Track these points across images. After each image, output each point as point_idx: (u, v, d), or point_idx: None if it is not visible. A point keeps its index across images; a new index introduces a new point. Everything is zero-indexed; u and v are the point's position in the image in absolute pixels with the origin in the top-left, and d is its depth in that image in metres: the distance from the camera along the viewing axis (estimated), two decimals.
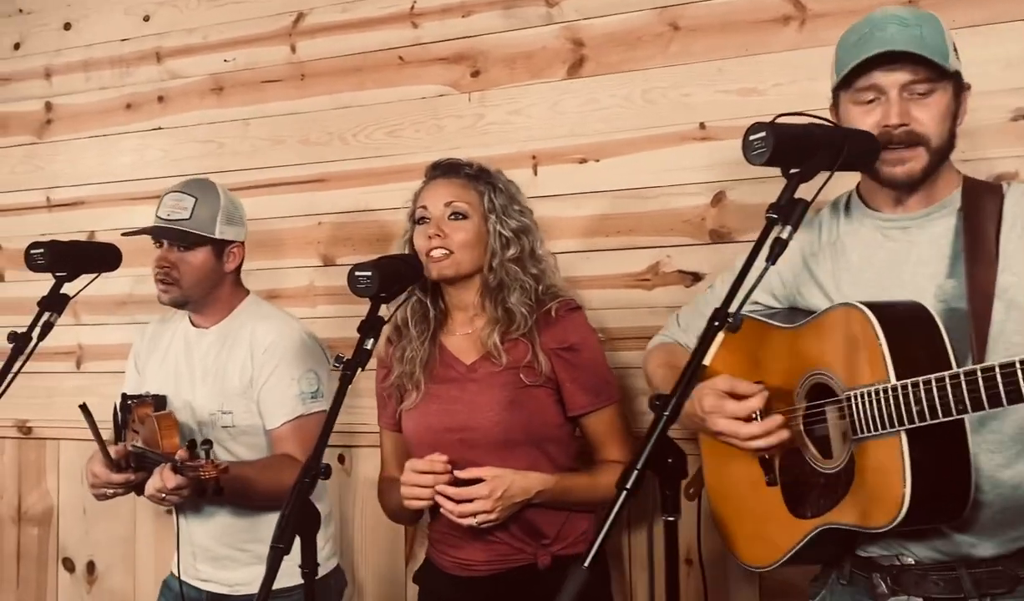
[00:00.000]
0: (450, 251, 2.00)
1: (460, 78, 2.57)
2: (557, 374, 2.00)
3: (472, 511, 1.86)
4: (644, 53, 2.38)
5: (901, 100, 1.52)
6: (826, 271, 1.65)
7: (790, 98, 2.23)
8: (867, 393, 1.44)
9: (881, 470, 1.44)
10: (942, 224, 1.57)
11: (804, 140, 1.41)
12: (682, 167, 2.34)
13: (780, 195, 1.40)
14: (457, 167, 2.08)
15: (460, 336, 2.08)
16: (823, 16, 2.22)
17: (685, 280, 2.35)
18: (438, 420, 2.01)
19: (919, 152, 1.53)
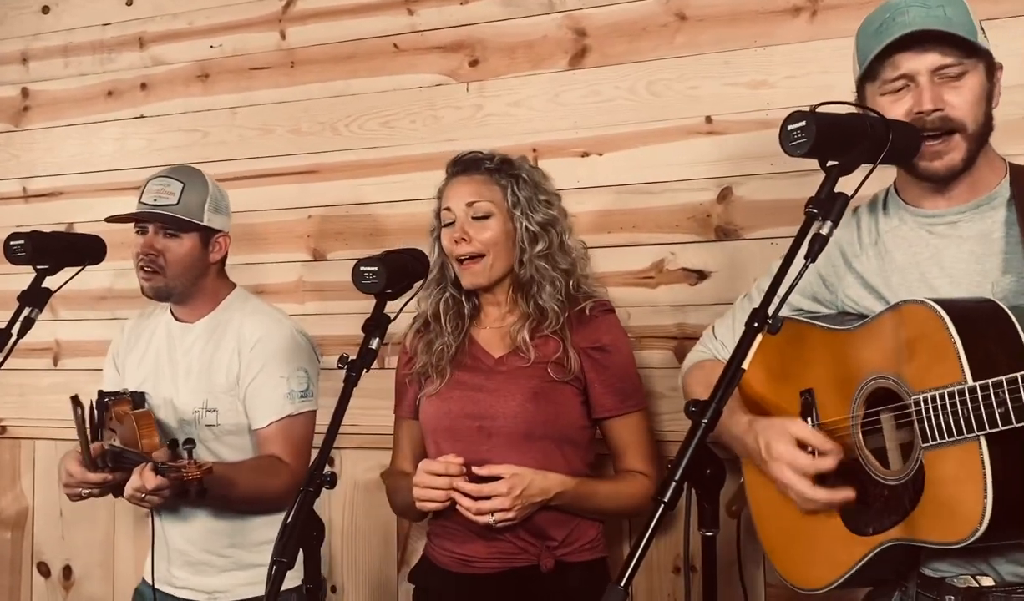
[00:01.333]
0: (479, 253, 1.95)
1: (458, 67, 2.49)
2: (586, 374, 1.95)
3: (491, 508, 1.80)
4: (649, 44, 2.31)
5: (933, 84, 1.44)
6: (873, 271, 1.57)
7: (801, 91, 2.17)
8: (939, 396, 1.34)
9: (956, 480, 1.34)
10: (992, 217, 1.49)
11: (847, 130, 1.34)
12: (688, 162, 2.28)
13: (819, 189, 1.33)
14: (478, 162, 2.02)
15: (491, 330, 2.03)
16: (836, 7, 2.16)
17: (690, 278, 2.28)
18: (459, 406, 1.96)
19: (956, 141, 1.45)
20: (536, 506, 1.85)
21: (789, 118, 1.35)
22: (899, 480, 1.43)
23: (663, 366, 2.28)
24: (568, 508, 1.90)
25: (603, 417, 1.97)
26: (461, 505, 1.82)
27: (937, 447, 1.35)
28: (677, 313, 2.28)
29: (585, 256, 2.07)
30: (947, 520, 1.34)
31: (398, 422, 2.13)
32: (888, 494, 1.44)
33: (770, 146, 2.19)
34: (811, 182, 2.11)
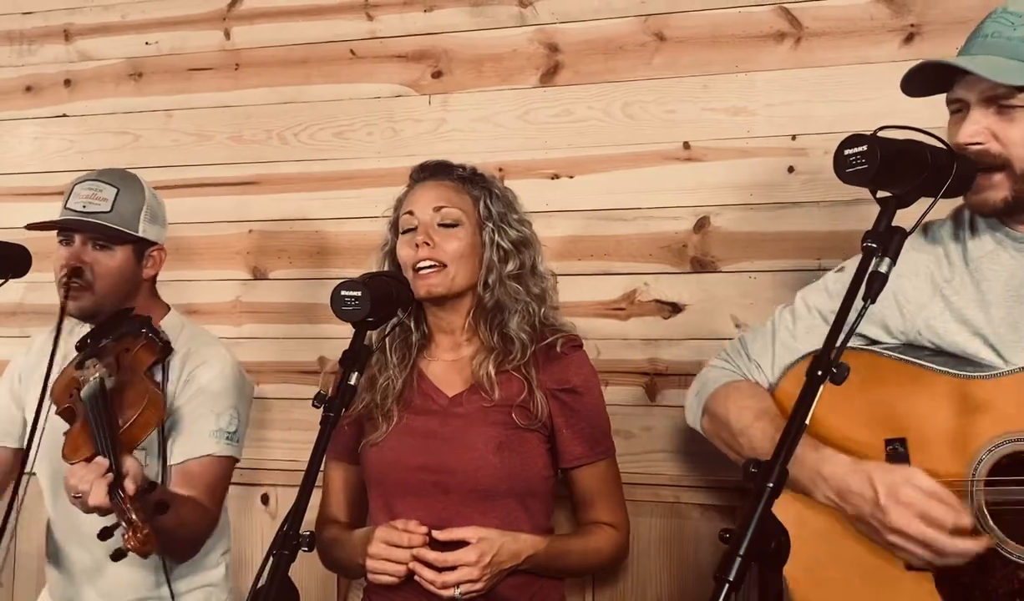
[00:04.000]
0: (441, 263, 1.74)
1: (420, 78, 2.33)
2: (554, 419, 1.77)
3: (457, 580, 1.60)
4: (626, 63, 2.20)
5: (979, 115, 1.34)
6: (971, 303, 1.41)
7: (782, 120, 2.10)
8: None
9: None
10: None
11: (908, 158, 1.22)
12: (664, 188, 2.17)
13: (877, 222, 1.21)
14: (448, 168, 1.85)
15: (442, 363, 1.82)
16: (820, 35, 2.09)
17: (663, 311, 2.17)
18: (412, 457, 1.74)
19: (998, 180, 1.34)
20: (505, 573, 1.67)
21: (847, 142, 1.22)
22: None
23: (633, 403, 2.16)
24: (540, 570, 1.73)
25: (571, 466, 1.80)
26: (423, 577, 1.62)
27: None
28: (649, 347, 2.16)
29: (554, 287, 1.91)
30: None
31: (330, 465, 1.91)
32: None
33: (750, 175, 2.14)
34: (791, 215, 2.10)
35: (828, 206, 2.05)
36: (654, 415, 2.14)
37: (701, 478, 2.09)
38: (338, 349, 1.53)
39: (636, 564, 2.11)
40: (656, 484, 2.10)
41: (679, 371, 2.12)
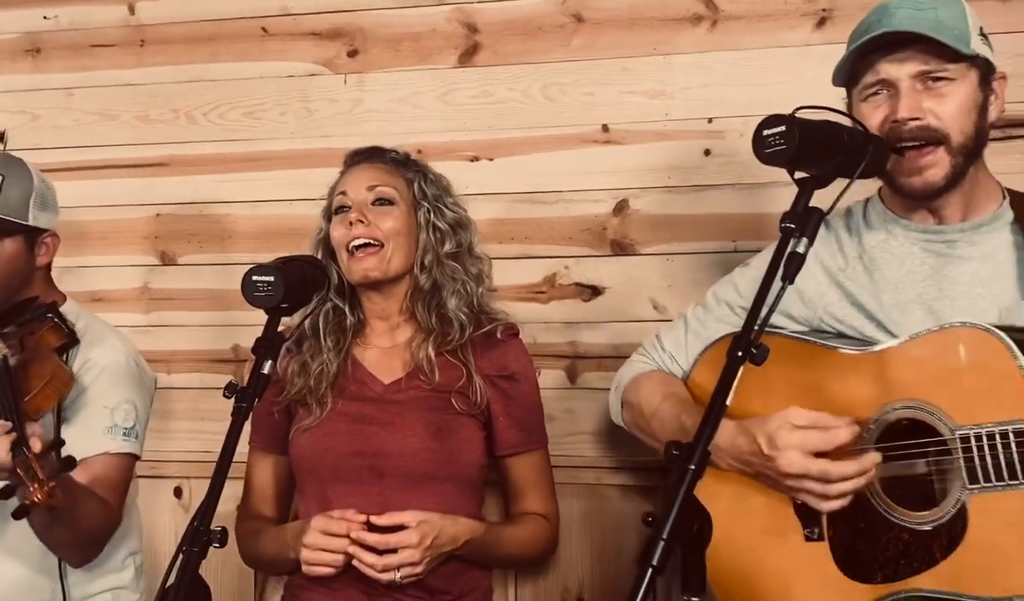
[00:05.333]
0: (377, 242, 1.71)
1: (335, 57, 2.27)
2: (491, 405, 1.76)
3: (398, 563, 1.57)
4: (544, 45, 2.19)
5: (914, 91, 1.36)
6: (863, 289, 1.46)
7: (699, 103, 2.12)
8: (1001, 433, 1.22)
9: (1015, 528, 1.22)
10: (995, 239, 1.42)
11: (826, 139, 1.23)
12: (583, 171, 2.16)
13: (795, 203, 1.22)
14: (381, 151, 1.83)
15: (378, 350, 1.80)
16: (737, 18, 2.10)
17: (583, 294, 2.17)
18: (346, 442, 1.71)
19: (938, 155, 1.37)
20: (444, 557, 1.65)
21: (765, 123, 1.23)
22: (929, 524, 1.31)
23: (554, 386, 2.15)
24: (471, 557, 1.72)
25: (506, 454, 1.79)
26: (362, 562, 1.58)
27: (989, 490, 1.24)
28: (569, 330, 2.16)
29: (489, 271, 1.89)
30: (1001, 572, 1.23)
31: (254, 456, 1.86)
32: (909, 538, 1.32)
33: (668, 159, 2.15)
34: (708, 198, 2.11)
35: (744, 189, 2.07)
36: (575, 397, 2.14)
37: (622, 459, 2.10)
38: (253, 337, 1.48)
39: (559, 549, 2.11)
40: (577, 466, 2.11)
41: (599, 354, 2.13)
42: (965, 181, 1.41)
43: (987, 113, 1.41)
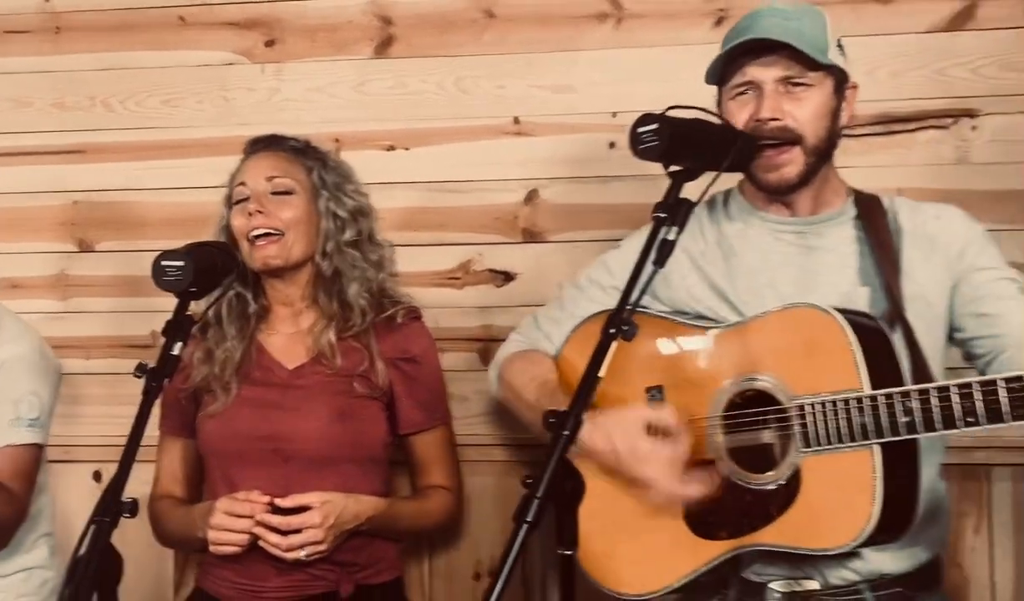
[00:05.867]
0: (277, 231, 1.76)
1: (252, 47, 2.31)
2: (393, 387, 1.83)
3: (302, 542, 1.65)
4: (457, 38, 2.26)
5: (775, 94, 1.48)
6: (720, 273, 1.57)
7: (604, 98, 2.21)
8: (831, 402, 1.34)
9: (840, 486, 1.34)
10: (840, 232, 1.54)
11: (694, 136, 1.34)
12: (495, 162, 2.24)
13: (666, 194, 1.33)
14: (280, 140, 1.87)
15: (283, 336, 1.85)
16: (640, 16, 2.20)
17: (496, 280, 2.25)
18: (250, 426, 1.77)
19: (795, 154, 1.49)
20: (348, 533, 1.73)
21: (640, 121, 1.34)
22: (768, 485, 1.42)
23: (468, 368, 2.23)
24: (376, 531, 1.79)
25: (409, 433, 1.87)
26: (267, 542, 1.66)
27: (819, 453, 1.35)
28: (483, 315, 2.24)
29: (393, 257, 1.96)
30: (826, 526, 1.35)
31: (164, 439, 1.92)
32: (751, 498, 1.43)
33: (575, 150, 2.25)
34: (614, 188, 2.21)
35: (646, 180, 2.14)
36: (488, 379, 2.22)
37: (531, 437, 2.18)
38: None
39: (471, 523, 2.20)
40: (489, 444, 2.19)
41: None
42: (816, 179, 1.54)
43: (839, 118, 1.55)
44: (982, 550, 2.08)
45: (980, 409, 1.23)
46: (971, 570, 2.08)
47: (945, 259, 1.51)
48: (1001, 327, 1.43)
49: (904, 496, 1.37)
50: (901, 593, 1.48)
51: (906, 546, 1.47)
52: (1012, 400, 1.21)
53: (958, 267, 1.50)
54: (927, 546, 1.52)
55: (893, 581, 1.48)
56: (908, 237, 1.52)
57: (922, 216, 1.55)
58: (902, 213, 1.55)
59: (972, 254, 1.50)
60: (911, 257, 1.50)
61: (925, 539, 1.51)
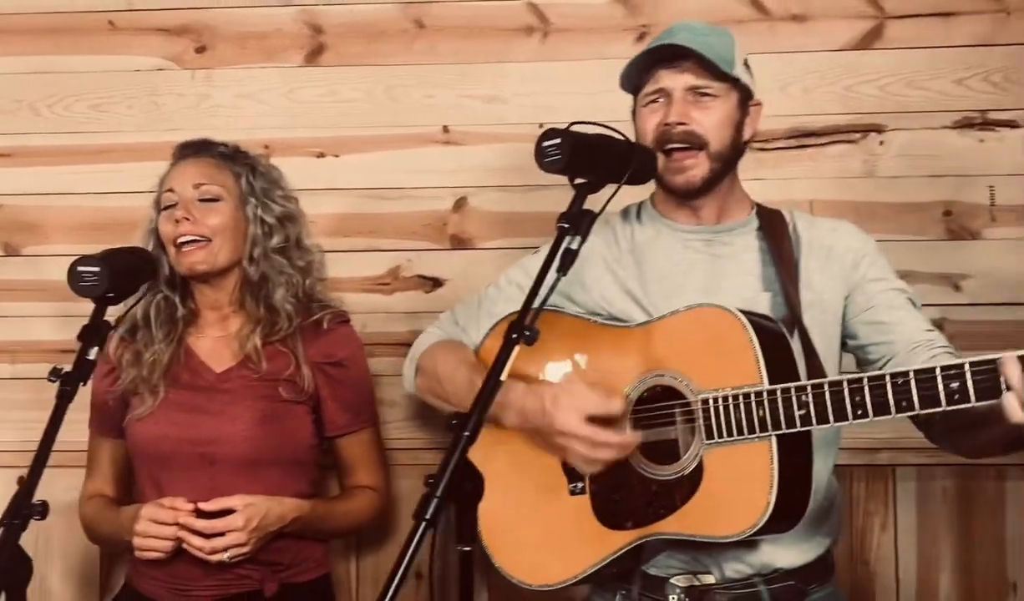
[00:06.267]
0: (204, 238, 1.78)
1: (183, 53, 2.32)
2: (319, 390, 1.85)
3: (225, 545, 1.68)
4: (388, 48, 2.30)
5: (684, 102, 1.55)
6: (632, 277, 1.63)
7: (531, 109, 2.26)
8: (732, 396, 1.40)
9: (739, 477, 1.40)
10: (744, 241, 1.62)
11: (596, 150, 1.40)
12: (425, 170, 2.29)
13: (570, 205, 1.38)
14: (209, 146, 1.88)
15: (211, 339, 1.87)
16: (565, 31, 2.27)
17: (425, 286, 2.29)
18: (177, 430, 1.79)
19: (700, 158, 1.55)
20: (271, 535, 1.76)
21: (544, 135, 1.40)
22: (673, 475, 1.47)
23: (395, 373, 2.24)
24: (301, 532, 1.82)
25: (336, 435, 1.90)
26: (191, 545, 1.69)
27: (721, 445, 1.41)
28: (411, 320, 2.27)
29: (322, 262, 1.98)
30: (725, 515, 1.41)
31: (94, 440, 1.94)
32: (657, 489, 1.48)
33: (503, 159, 2.30)
34: (541, 196, 2.27)
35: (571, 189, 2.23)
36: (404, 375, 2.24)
37: None
38: None
39: (399, 526, 2.23)
40: (418, 448, 2.23)
41: None
42: (721, 188, 1.62)
43: (742, 131, 1.63)
44: (887, 548, 2.18)
45: (868, 403, 1.30)
46: (877, 567, 2.18)
47: (840, 270, 1.59)
48: (891, 334, 1.52)
49: (798, 486, 1.42)
50: (794, 586, 1.55)
51: (799, 540, 1.54)
52: (896, 394, 1.28)
53: (853, 278, 1.59)
54: (819, 541, 1.59)
55: (786, 574, 1.55)
56: (806, 248, 1.60)
57: (819, 229, 1.64)
58: (801, 225, 1.64)
59: (865, 266, 1.59)
60: (809, 267, 1.58)
61: (817, 534, 1.59)
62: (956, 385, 1.24)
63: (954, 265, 2.17)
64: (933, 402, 1.26)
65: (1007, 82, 2.17)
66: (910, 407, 1.28)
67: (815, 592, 1.57)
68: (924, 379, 1.26)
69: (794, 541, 1.53)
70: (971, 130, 2.18)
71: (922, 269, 2.17)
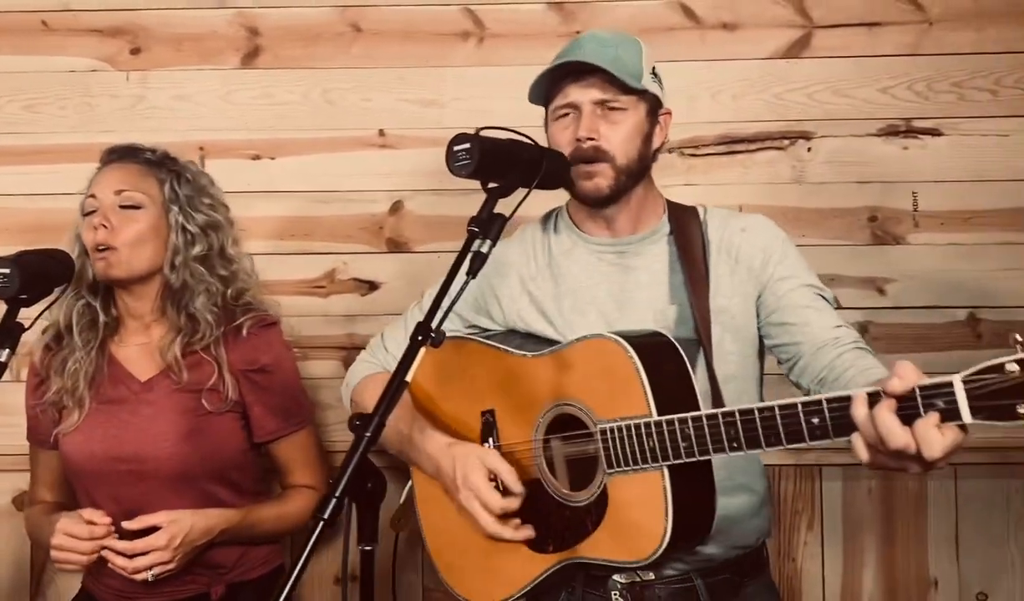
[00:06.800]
0: (120, 247, 1.77)
1: (117, 54, 2.31)
2: (244, 397, 1.83)
3: (148, 564, 1.67)
4: (325, 51, 2.30)
5: (592, 116, 1.56)
6: (547, 295, 1.64)
7: (468, 114, 2.28)
8: (625, 427, 1.40)
9: (638, 504, 1.41)
10: (655, 250, 1.62)
11: (507, 155, 1.42)
12: (361, 173, 2.30)
13: (480, 209, 1.40)
14: (135, 152, 1.86)
15: (134, 347, 1.85)
16: (501, 36, 2.29)
17: (361, 288, 2.30)
18: (103, 447, 1.78)
19: (604, 168, 1.56)
20: (200, 549, 1.75)
21: (455, 140, 1.41)
22: (582, 502, 1.49)
23: (332, 376, 2.27)
24: (233, 541, 1.81)
25: (266, 441, 1.88)
26: (114, 564, 1.68)
27: (621, 473, 1.42)
28: (348, 323, 2.29)
29: (250, 270, 1.95)
30: (630, 541, 1.42)
31: (32, 449, 1.93)
32: (570, 515, 1.50)
33: (439, 163, 2.24)
34: (477, 200, 2.26)
35: None
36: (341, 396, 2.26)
37: None
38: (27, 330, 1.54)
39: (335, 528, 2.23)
40: None
41: None
42: (632, 198, 1.62)
43: (651, 141, 1.63)
44: (814, 545, 2.23)
45: (742, 437, 1.30)
46: (804, 563, 2.23)
47: (748, 271, 1.57)
48: (799, 335, 1.52)
49: (698, 510, 1.44)
50: (729, 579, 1.58)
51: (732, 535, 1.57)
52: (765, 429, 1.28)
53: (762, 278, 1.58)
54: (751, 536, 1.62)
55: (721, 567, 1.58)
56: (715, 251, 1.60)
57: (729, 229, 1.61)
58: (712, 226, 1.62)
59: (773, 264, 1.56)
60: (718, 271, 1.58)
61: (750, 530, 1.62)
62: (816, 421, 1.22)
63: (879, 269, 2.23)
64: (798, 437, 1.24)
65: (930, 91, 2.23)
66: (778, 442, 1.26)
67: (749, 585, 1.60)
68: (787, 414, 1.25)
69: (727, 536, 1.56)
70: (896, 137, 2.23)
71: (848, 273, 2.23)
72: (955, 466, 2.19)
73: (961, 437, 1.11)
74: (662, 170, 2.23)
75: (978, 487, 2.20)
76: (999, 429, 1.08)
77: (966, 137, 2.22)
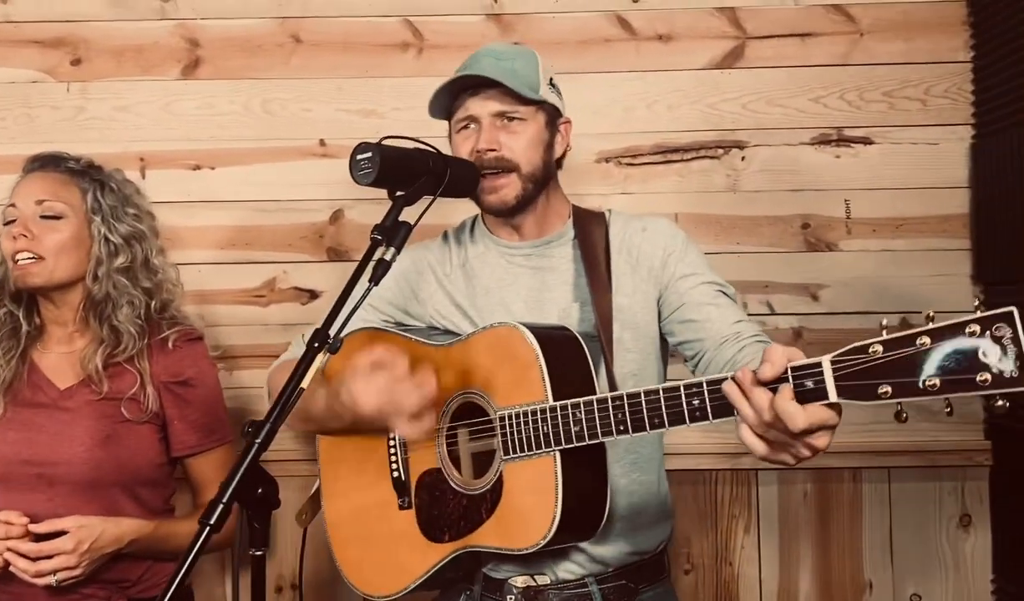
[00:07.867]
0: (39, 256, 1.76)
1: (57, 65, 2.32)
2: (166, 410, 1.83)
3: (52, 568, 1.64)
4: (264, 62, 2.32)
5: (493, 127, 1.59)
6: (461, 293, 1.67)
7: (407, 124, 2.27)
8: (522, 413, 1.43)
9: (531, 491, 1.42)
10: (560, 253, 1.66)
11: (409, 163, 1.44)
12: (302, 182, 2.31)
13: (385, 217, 1.42)
14: (58, 160, 1.85)
15: (56, 355, 1.84)
16: (439, 47, 2.32)
17: (301, 297, 2.31)
18: (15, 450, 1.76)
19: (511, 179, 1.59)
20: (108, 556, 1.72)
21: (357, 149, 1.43)
22: (479, 490, 1.51)
23: None
24: (143, 553, 1.78)
25: (184, 455, 1.87)
26: (17, 567, 1.65)
27: (517, 459, 1.44)
28: (288, 332, 2.30)
29: (175, 280, 1.94)
30: (519, 528, 1.44)
31: None
32: (467, 503, 1.52)
33: None
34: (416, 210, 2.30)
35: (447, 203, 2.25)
36: None
37: None
38: None
39: (274, 538, 2.26)
40: (294, 460, 2.24)
41: None
42: (537, 204, 1.65)
43: (552, 149, 1.66)
44: (751, 549, 2.25)
45: (628, 420, 1.33)
46: (741, 567, 2.25)
47: (649, 271, 1.62)
48: (701, 332, 1.55)
49: (589, 498, 1.45)
50: (624, 585, 1.59)
51: (629, 541, 1.59)
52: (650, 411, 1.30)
53: (662, 277, 1.61)
54: (650, 542, 1.64)
55: (617, 574, 1.59)
56: (616, 253, 1.63)
57: (630, 230, 1.64)
58: (614, 229, 1.65)
59: (673, 263, 1.60)
60: (619, 272, 1.62)
61: (649, 535, 1.63)
62: (697, 403, 1.25)
63: (812, 275, 2.26)
64: (679, 419, 1.27)
65: (861, 100, 2.27)
66: (661, 424, 1.29)
67: (646, 591, 1.61)
68: (671, 397, 1.28)
69: (626, 541, 1.58)
70: (828, 146, 2.27)
71: (782, 280, 2.26)
72: (888, 469, 2.23)
73: (830, 415, 1.14)
74: (600, 179, 2.29)
75: (910, 490, 2.23)
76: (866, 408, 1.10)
77: (897, 145, 2.26)
